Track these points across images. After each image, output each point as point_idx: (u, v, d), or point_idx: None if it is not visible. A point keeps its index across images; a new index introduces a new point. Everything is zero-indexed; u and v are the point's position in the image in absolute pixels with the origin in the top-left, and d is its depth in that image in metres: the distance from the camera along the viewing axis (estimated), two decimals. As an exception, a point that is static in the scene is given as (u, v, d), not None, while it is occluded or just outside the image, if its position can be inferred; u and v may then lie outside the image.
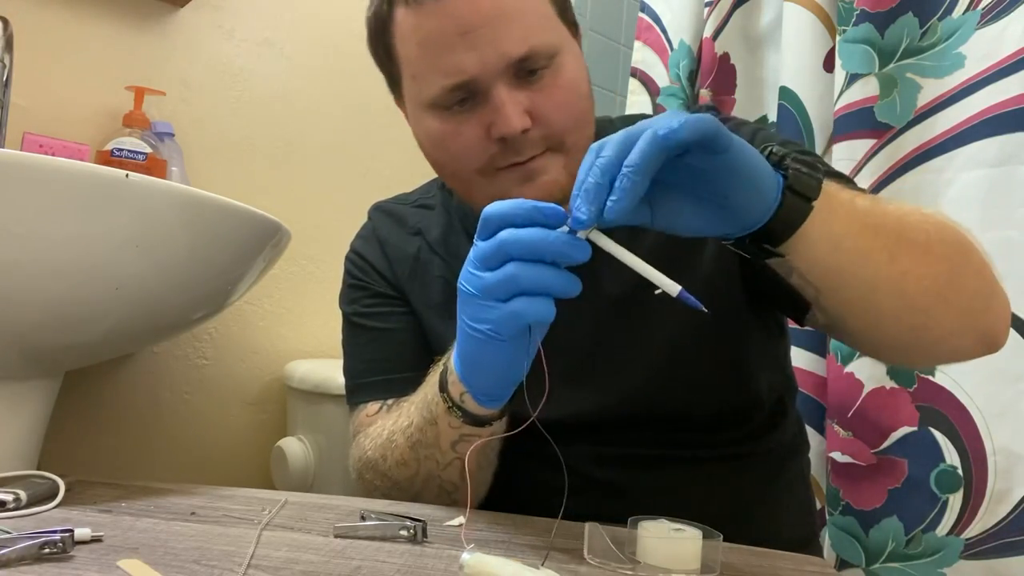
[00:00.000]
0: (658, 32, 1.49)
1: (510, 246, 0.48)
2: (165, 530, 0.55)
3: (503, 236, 0.48)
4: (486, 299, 0.49)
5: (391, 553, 0.52)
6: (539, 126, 0.63)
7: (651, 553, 0.51)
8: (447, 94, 0.62)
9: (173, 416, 1.25)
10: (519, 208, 0.48)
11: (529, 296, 0.48)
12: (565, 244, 0.47)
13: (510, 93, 0.61)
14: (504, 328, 0.50)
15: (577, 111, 0.65)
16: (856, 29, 1.12)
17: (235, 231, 0.80)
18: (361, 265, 0.82)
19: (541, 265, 0.48)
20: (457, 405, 0.60)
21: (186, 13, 1.24)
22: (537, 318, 0.48)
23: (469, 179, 0.66)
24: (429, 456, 0.65)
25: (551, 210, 0.48)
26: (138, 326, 0.82)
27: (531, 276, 0.47)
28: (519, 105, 0.61)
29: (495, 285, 0.48)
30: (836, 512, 1.10)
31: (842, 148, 1.13)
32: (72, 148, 1.09)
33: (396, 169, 1.48)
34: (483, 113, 0.62)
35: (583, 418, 0.70)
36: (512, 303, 0.48)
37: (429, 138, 0.67)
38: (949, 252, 0.58)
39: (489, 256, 0.49)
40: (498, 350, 0.51)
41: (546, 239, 0.47)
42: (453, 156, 0.65)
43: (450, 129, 0.64)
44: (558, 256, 0.47)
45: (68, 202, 0.65)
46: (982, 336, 0.61)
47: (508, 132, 0.61)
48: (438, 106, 0.64)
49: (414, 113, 0.68)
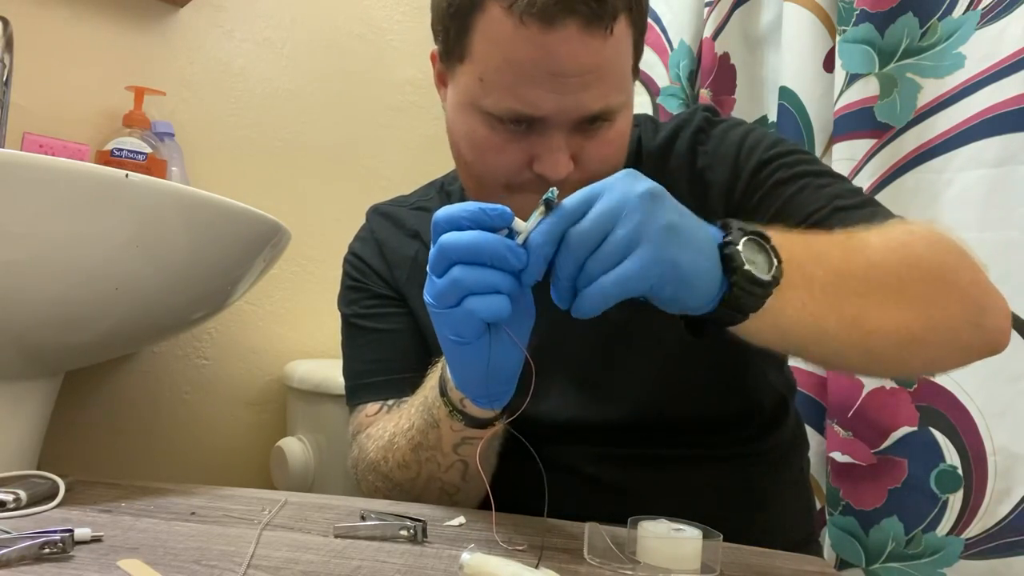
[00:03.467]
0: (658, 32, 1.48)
1: (450, 250, 0.47)
2: (165, 530, 0.55)
3: (442, 240, 0.48)
4: (441, 306, 0.49)
5: (391, 553, 0.52)
6: (579, 171, 0.62)
7: (651, 553, 0.51)
8: (510, 115, 0.61)
9: (173, 416, 1.25)
10: (464, 211, 0.48)
11: (479, 295, 0.48)
12: (502, 247, 0.47)
13: (567, 139, 0.61)
14: (463, 330, 0.49)
15: (617, 162, 0.65)
16: (856, 29, 1.12)
17: (235, 231, 0.80)
18: (359, 266, 0.82)
19: (484, 267, 0.47)
20: (458, 410, 0.60)
21: (186, 13, 1.24)
22: (491, 315, 0.48)
23: (492, 188, 0.65)
24: (430, 458, 0.65)
25: (496, 211, 0.47)
26: (138, 326, 0.82)
27: (474, 277, 0.47)
28: (569, 151, 0.61)
29: (444, 290, 0.48)
30: (836, 512, 1.10)
31: (842, 148, 1.13)
32: (72, 148, 1.09)
33: (396, 169, 1.48)
34: (533, 144, 0.61)
35: (586, 422, 0.70)
36: (464, 304, 0.48)
37: (469, 137, 0.64)
38: (927, 291, 0.57)
39: (435, 262, 0.48)
40: (468, 353, 0.51)
41: (484, 241, 0.47)
42: (487, 165, 0.64)
43: (496, 141, 0.62)
44: (496, 259, 0.47)
45: (68, 202, 0.65)
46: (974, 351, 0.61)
47: (552, 176, 0.61)
48: (493, 117, 0.62)
49: (461, 104, 0.65)
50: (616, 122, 0.63)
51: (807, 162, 0.69)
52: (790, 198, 0.65)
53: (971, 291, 0.59)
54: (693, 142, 0.72)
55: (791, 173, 0.67)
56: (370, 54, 1.47)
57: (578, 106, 0.59)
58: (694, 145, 0.72)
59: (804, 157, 0.70)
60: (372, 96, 1.47)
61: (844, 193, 0.66)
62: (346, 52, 1.44)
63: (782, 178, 0.67)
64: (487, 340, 0.50)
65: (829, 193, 0.65)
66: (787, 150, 0.70)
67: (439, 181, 0.86)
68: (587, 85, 0.59)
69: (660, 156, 0.72)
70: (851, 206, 0.64)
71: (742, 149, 0.70)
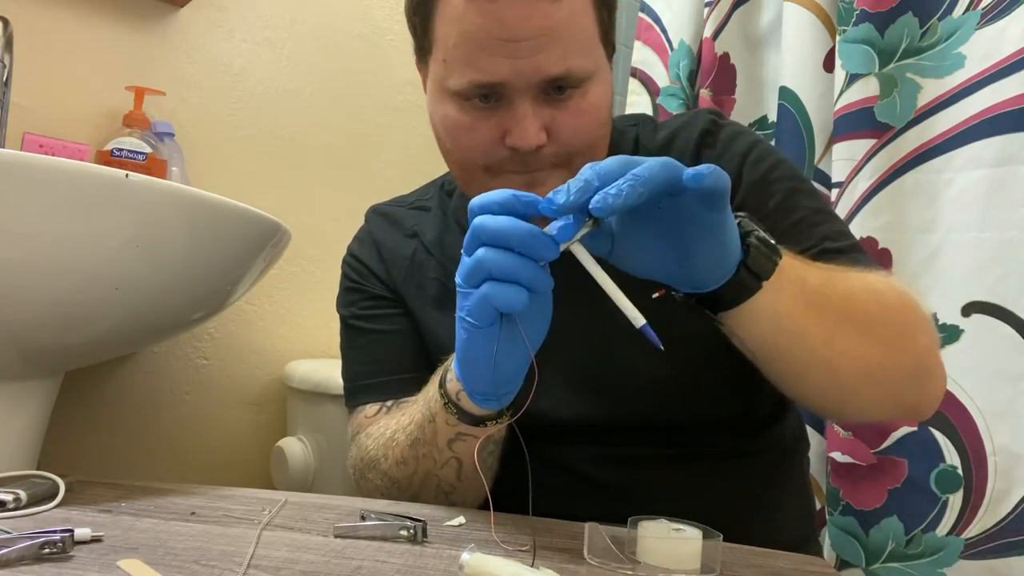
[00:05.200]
0: (658, 32, 1.49)
1: (480, 231, 0.48)
2: (165, 530, 0.55)
3: (476, 222, 0.49)
4: (465, 285, 0.50)
5: (391, 553, 0.52)
6: (553, 144, 0.63)
7: (651, 553, 0.51)
8: (472, 89, 0.62)
9: (173, 416, 1.25)
10: (498, 196, 0.49)
11: (497, 282, 0.48)
12: (530, 235, 0.47)
13: (534, 107, 0.62)
14: (477, 314, 0.50)
15: (593, 136, 0.66)
16: (856, 29, 1.12)
17: (235, 231, 0.80)
18: (357, 268, 0.82)
19: (510, 253, 0.48)
20: (452, 402, 0.60)
21: (186, 13, 1.24)
22: (505, 304, 0.48)
23: (473, 172, 0.67)
24: (427, 454, 0.65)
25: (528, 198, 0.48)
26: (138, 326, 0.82)
27: (497, 261, 0.48)
28: (539, 121, 0.62)
29: (469, 270, 0.49)
30: (836, 512, 1.10)
31: (842, 148, 1.13)
32: (72, 148, 1.09)
33: (396, 169, 1.48)
34: (502, 117, 0.63)
35: (586, 422, 0.70)
36: (481, 287, 0.49)
37: (444, 123, 0.66)
38: (889, 334, 0.60)
39: (468, 242, 0.49)
40: (477, 339, 0.51)
41: (513, 227, 0.47)
42: (463, 147, 0.66)
43: (467, 122, 0.64)
44: (523, 246, 0.47)
45: (68, 202, 0.65)
46: (906, 411, 0.67)
47: (523, 145, 0.62)
48: (460, 96, 0.64)
49: (434, 92, 0.68)
50: (588, 93, 0.64)
51: (805, 193, 0.71)
52: (784, 230, 0.66)
53: (925, 353, 0.63)
54: (699, 143, 0.72)
55: (789, 204, 0.68)
56: (370, 54, 1.47)
57: (536, 69, 0.60)
58: (700, 146, 0.72)
59: (803, 187, 0.71)
60: (372, 96, 1.47)
61: (833, 235, 0.68)
62: (346, 52, 1.44)
63: (778, 206, 0.68)
64: (497, 330, 0.51)
65: (820, 233, 0.67)
66: (787, 175, 0.71)
67: (439, 180, 0.86)
68: (541, 47, 0.60)
69: (660, 154, 0.72)
70: (838, 249, 0.66)
71: (746, 160, 0.70)
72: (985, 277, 1.02)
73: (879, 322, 0.60)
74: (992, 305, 1.02)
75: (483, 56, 0.61)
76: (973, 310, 1.03)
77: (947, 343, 1.04)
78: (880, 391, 0.62)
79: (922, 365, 0.63)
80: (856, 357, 0.59)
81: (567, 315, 0.50)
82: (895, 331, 0.61)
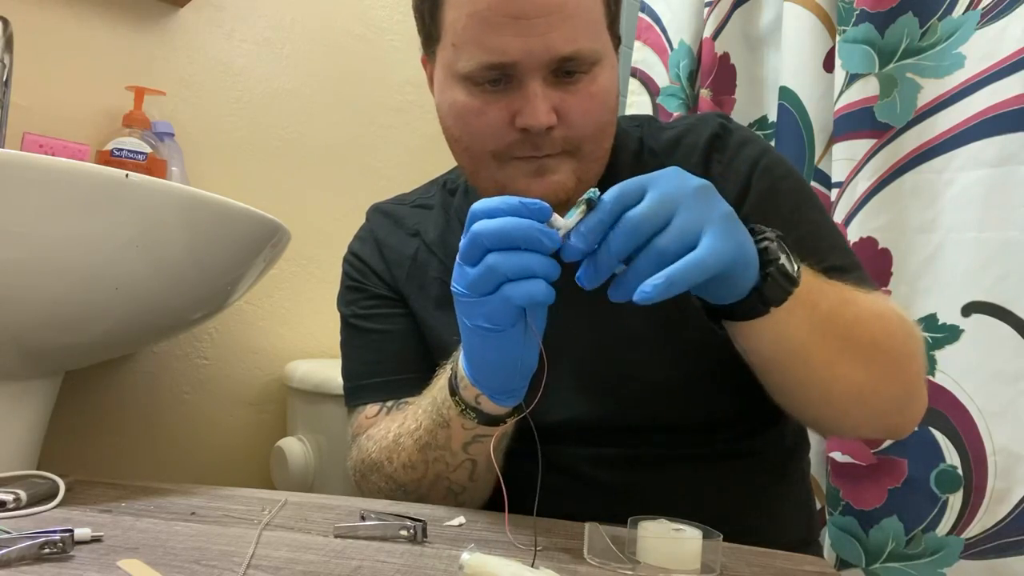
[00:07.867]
0: (658, 32, 1.49)
1: (483, 236, 0.48)
2: (165, 530, 0.55)
3: (476, 228, 0.48)
4: (474, 294, 0.50)
5: (391, 553, 0.52)
6: (563, 127, 0.63)
7: (651, 553, 0.51)
8: (483, 71, 0.62)
9: (173, 416, 1.25)
10: (504, 204, 0.49)
11: (515, 281, 0.48)
12: (534, 230, 0.47)
13: (544, 88, 0.62)
14: (498, 318, 0.50)
15: (601, 122, 0.66)
16: (856, 29, 1.12)
17: (235, 231, 0.80)
18: (359, 267, 0.82)
19: (519, 251, 0.48)
20: (472, 407, 0.60)
21: (186, 13, 1.24)
22: (528, 299, 0.48)
23: (481, 159, 0.66)
24: (439, 458, 0.65)
25: (536, 206, 0.48)
26: (138, 326, 0.82)
27: (511, 262, 0.48)
28: (549, 101, 0.62)
29: (478, 279, 0.49)
30: (836, 512, 1.10)
31: (842, 148, 1.13)
32: (72, 148, 1.09)
33: (396, 169, 1.48)
34: (513, 99, 0.62)
35: (586, 422, 0.70)
36: (500, 291, 0.49)
37: (452, 109, 0.66)
38: (885, 361, 0.62)
39: (468, 250, 0.49)
40: (499, 342, 0.51)
41: (515, 226, 0.47)
42: (472, 133, 0.65)
43: (476, 106, 0.64)
44: (529, 242, 0.48)
45: (68, 202, 0.65)
46: (888, 432, 0.72)
47: (533, 125, 0.61)
48: (470, 80, 0.63)
49: (443, 80, 0.67)
50: (597, 77, 0.64)
51: (812, 206, 0.72)
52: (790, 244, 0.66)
53: (914, 380, 0.66)
54: (709, 147, 0.72)
55: (796, 217, 0.69)
56: (370, 54, 1.47)
57: (547, 47, 0.60)
58: (710, 150, 0.71)
59: (810, 200, 0.72)
60: (372, 96, 1.47)
61: (838, 252, 0.69)
62: (346, 52, 1.44)
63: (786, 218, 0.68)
64: (521, 328, 0.51)
65: (825, 249, 0.68)
66: (796, 187, 0.72)
67: (441, 179, 0.86)
68: (552, 26, 0.60)
69: (664, 153, 0.72)
70: (842, 267, 0.67)
71: (756, 169, 0.70)
72: (985, 277, 1.02)
73: (880, 350, 0.61)
74: (992, 305, 1.02)
75: (493, 35, 0.60)
76: (973, 310, 1.03)
77: (947, 343, 1.04)
78: (868, 413, 0.65)
79: (908, 393, 0.66)
80: (852, 382, 0.61)
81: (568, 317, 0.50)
82: (893, 358, 0.63)
